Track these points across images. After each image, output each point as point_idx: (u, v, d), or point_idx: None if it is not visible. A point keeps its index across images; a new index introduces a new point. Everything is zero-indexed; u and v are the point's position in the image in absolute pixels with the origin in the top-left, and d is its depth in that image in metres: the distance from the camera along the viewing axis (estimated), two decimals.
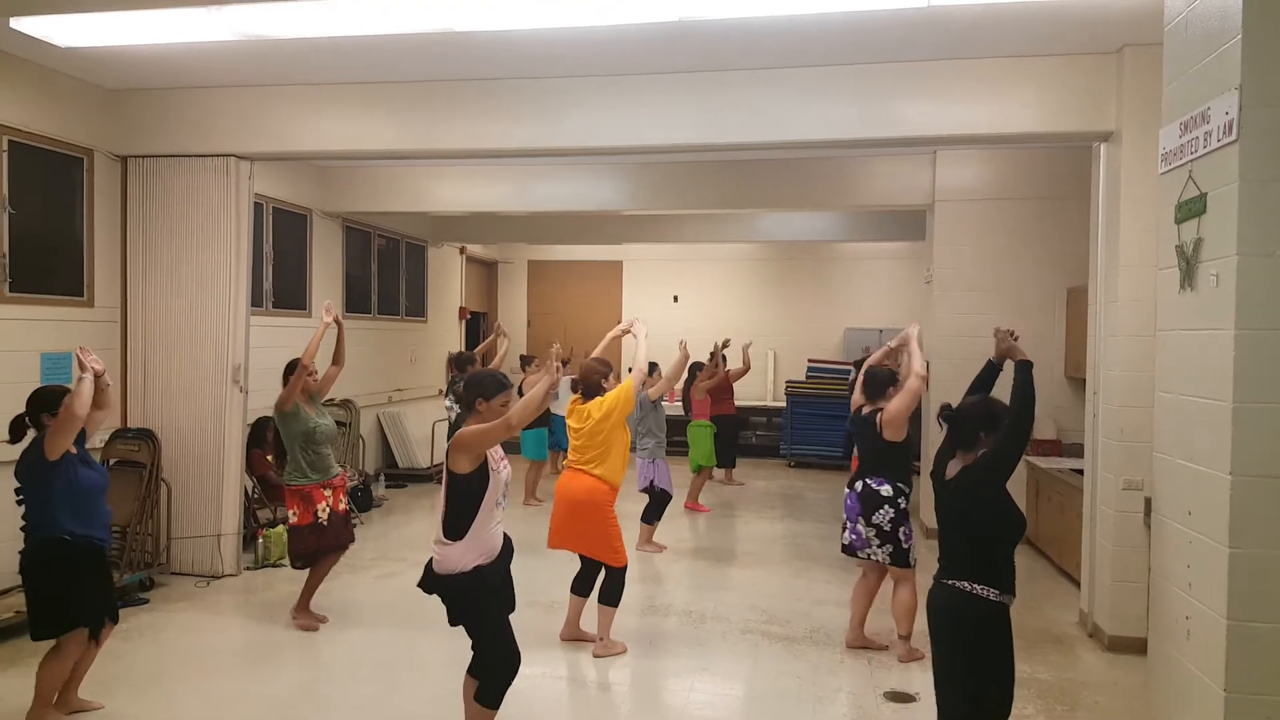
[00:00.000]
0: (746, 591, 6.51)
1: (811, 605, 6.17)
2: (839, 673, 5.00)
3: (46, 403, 4.07)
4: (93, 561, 4.13)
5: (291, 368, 5.57)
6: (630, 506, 7.23)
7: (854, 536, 5.14)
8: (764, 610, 6.03)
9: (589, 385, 5.18)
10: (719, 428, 9.62)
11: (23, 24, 5.12)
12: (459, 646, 5.17)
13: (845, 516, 5.22)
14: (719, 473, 10.86)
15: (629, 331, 5.42)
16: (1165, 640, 3.28)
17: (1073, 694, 4.78)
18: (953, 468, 3.33)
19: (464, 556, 3.60)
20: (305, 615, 5.58)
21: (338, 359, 5.82)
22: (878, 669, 5.04)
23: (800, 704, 4.60)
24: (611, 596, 5.20)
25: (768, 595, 6.40)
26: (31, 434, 4.11)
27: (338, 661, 5.14)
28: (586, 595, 5.34)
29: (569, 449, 5.26)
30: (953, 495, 3.29)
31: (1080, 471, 6.30)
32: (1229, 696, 2.82)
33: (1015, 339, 3.54)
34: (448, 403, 8.83)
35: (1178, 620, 3.15)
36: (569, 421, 5.21)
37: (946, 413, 3.35)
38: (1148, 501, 5.09)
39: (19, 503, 4.07)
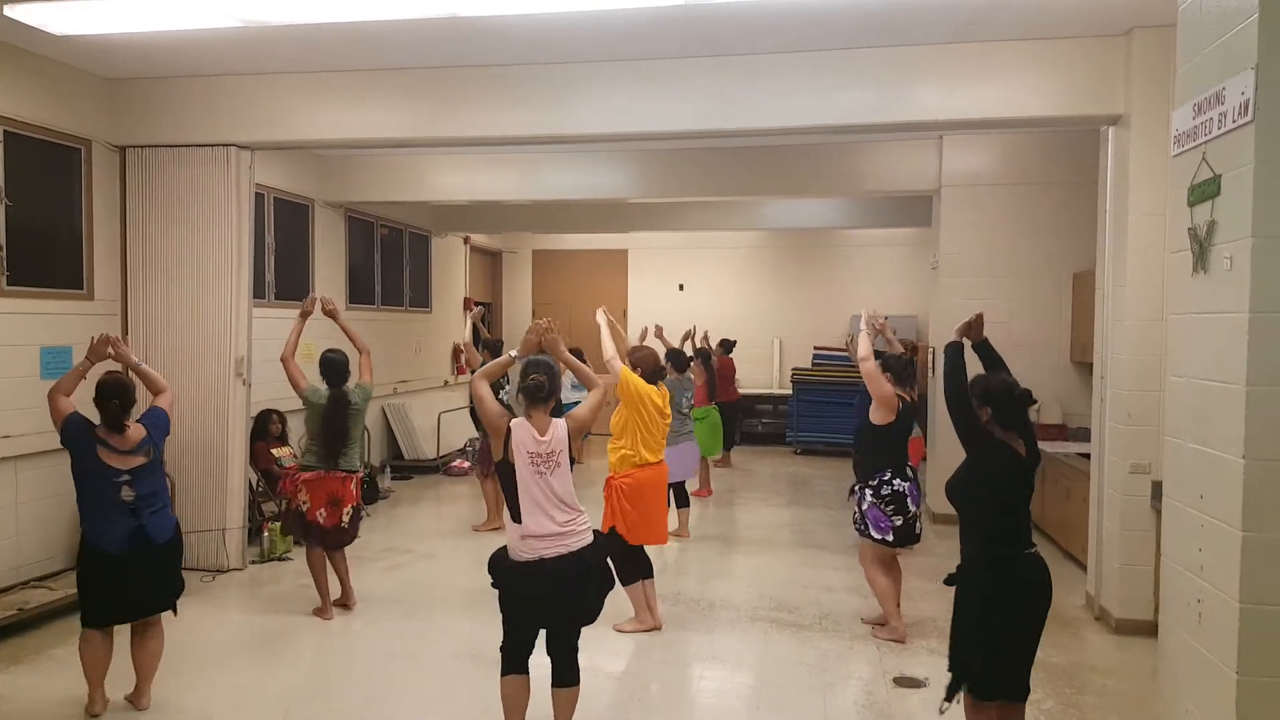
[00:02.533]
0: (755, 579, 6.51)
1: (820, 592, 6.17)
2: (849, 659, 5.00)
3: (130, 387, 4.20)
4: None
5: (334, 365, 5.48)
6: None
7: (920, 524, 5.33)
8: (773, 597, 6.03)
9: (659, 369, 5.38)
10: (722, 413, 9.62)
11: (17, 11, 5.03)
12: (467, 637, 5.19)
13: (917, 509, 5.23)
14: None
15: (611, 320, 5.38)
16: (1176, 623, 3.26)
17: (1080, 676, 4.79)
18: (1021, 445, 3.52)
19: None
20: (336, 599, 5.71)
21: (359, 346, 5.73)
22: (887, 655, 5.03)
23: (811, 691, 4.60)
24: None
25: (776, 582, 6.39)
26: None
27: (348, 654, 5.14)
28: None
29: (658, 434, 5.20)
30: (1032, 469, 3.53)
31: (1086, 456, 6.29)
32: (1241, 679, 2.80)
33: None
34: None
35: (1189, 603, 3.13)
36: (659, 404, 5.20)
37: (1025, 397, 3.53)
38: (1155, 485, 5.09)
39: (126, 483, 4.06)
